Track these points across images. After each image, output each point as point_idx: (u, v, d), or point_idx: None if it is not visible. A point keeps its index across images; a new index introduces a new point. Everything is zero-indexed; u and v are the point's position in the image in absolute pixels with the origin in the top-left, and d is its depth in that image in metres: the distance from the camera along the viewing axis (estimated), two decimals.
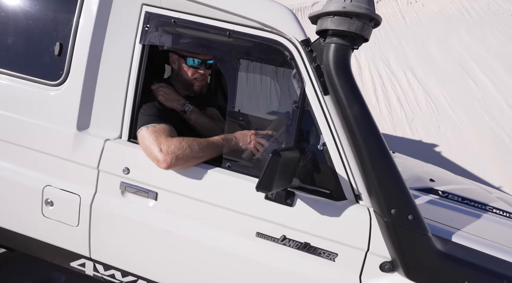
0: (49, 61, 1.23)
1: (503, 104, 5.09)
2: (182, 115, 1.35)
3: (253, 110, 1.60)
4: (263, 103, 1.71)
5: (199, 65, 1.33)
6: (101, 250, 1.29)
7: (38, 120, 1.25)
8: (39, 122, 1.25)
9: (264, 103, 1.71)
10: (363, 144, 0.98)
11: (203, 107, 1.54)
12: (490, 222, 1.22)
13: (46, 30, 1.23)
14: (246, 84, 1.56)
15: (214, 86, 2.05)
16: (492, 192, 1.75)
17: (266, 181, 0.92)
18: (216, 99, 2.02)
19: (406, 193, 0.96)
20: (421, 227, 0.95)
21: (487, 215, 1.28)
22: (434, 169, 2.09)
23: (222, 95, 2.02)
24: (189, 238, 1.18)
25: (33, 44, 1.25)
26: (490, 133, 4.71)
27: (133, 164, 1.20)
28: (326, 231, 1.08)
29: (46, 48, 1.23)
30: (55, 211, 1.28)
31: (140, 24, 1.20)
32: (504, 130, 4.69)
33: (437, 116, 5.37)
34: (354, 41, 0.97)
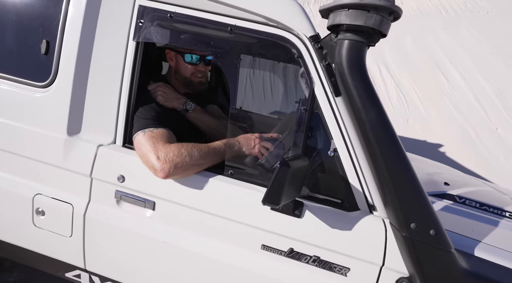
0: (35, 60, 1.13)
1: (471, 99, 5.21)
2: (184, 114, 1.26)
3: (257, 112, 1.51)
4: (267, 105, 1.62)
5: (198, 62, 1.24)
6: (96, 262, 1.22)
7: (25, 124, 1.17)
8: (26, 127, 1.17)
9: (269, 105, 1.61)
10: (379, 151, 0.89)
11: (204, 105, 1.45)
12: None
13: (31, 27, 1.13)
14: (249, 84, 1.47)
15: (214, 83, 1.95)
16: (506, 193, 1.67)
17: (274, 194, 0.83)
18: (217, 97, 1.93)
19: (428, 205, 0.87)
20: (443, 243, 0.86)
21: (508, 223, 1.20)
22: (445, 169, 2.00)
23: (223, 92, 1.93)
24: (189, 250, 1.10)
25: (18, 42, 1.15)
26: (457, 128, 4.81)
27: (129, 172, 1.11)
28: (338, 244, 1.00)
29: (32, 46, 1.13)
30: (46, 221, 1.21)
31: (134, 19, 1.10)
32: (471, 125, 4.78)
33: (406, 110, 5.51)
34: (371, 37, 0.87)
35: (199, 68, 1.25)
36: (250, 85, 1.49)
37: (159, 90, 1.21)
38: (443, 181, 1.51)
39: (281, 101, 1.56)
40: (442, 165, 2.15)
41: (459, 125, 4.83)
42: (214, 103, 1.56)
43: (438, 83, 5.61)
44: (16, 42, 1.15)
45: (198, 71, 1.26)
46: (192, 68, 1.25)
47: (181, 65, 1.26)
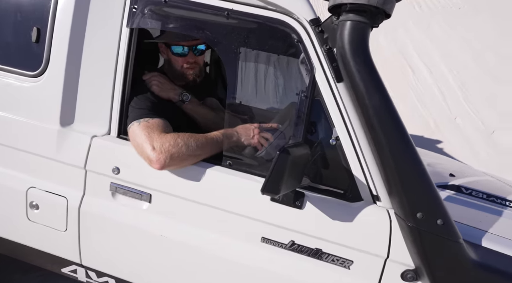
0: (26, 49, 1.10)
1: (435, 91, 5.24)
2: (180, 105, 1.22)
3: (256, 101, 1.47)
4: (267, 93, 1.58)
5: (186, 52, 1.19)
6: (92, 257, 1.18)
7: (17, 115, 1.13)
8: (18, 118, 1.13)
9: (268, 93, 1.57)
10: (384, 137, 0.85)
11: (203, 98, 1.41)
12: None
13: (21, 14, 1.09)
14: (248, 71, 1.42)
15: (214, 76, 1.91)
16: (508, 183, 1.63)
17: (273, 183, 0.79)
18: (216, 90, 1.89)
19: (435, 194, 0.83)
20: (452, 233, 0.82)
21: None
22: (448, 160, 1.95)
23: (222, 85, 1.89)
24: (187, 243, 1.07)
25: (8, 30, 1.11)
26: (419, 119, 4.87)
27: (124, 163, 1.08)
28: (340, 236, 0.97)
29: (22, 34, 1.09)
30: (41, 215, 1.18)
31: (127, 5, 1.06)
32: (432, 116, 4.86)
33: None
34: (374, 18, 0.83)
35: (188, 59, 1.20)
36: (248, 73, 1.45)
37: (154, 80, 1.17)
38: (448, 172, 1.47)
39: (281, 90, 1.52)
40: (443, 157, 2.10)
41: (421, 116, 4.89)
42: (213, 96, 1.52)
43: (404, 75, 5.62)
44: (6, 30, 1.11)
45: (187, 62, 1.20)
46: (181, 59, 1.20)
47: (171, 58, 1.22)
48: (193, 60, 1.21)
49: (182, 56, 1.20)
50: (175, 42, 1.17)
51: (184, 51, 1.18)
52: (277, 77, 1.51)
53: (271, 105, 1.53)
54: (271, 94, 1.61)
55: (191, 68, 1.22)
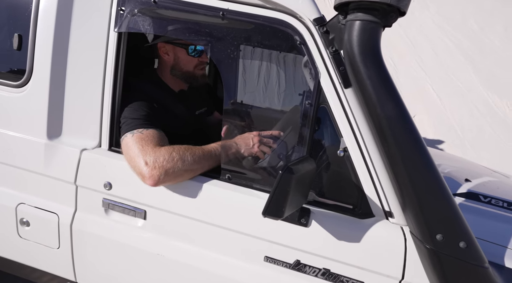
0: (7, 57, 1.02)
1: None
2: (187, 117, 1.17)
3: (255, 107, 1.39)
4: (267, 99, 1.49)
5: (200, 54, 1.15)
6: (87, 275, 1.13)
7: (2, 128, 1.07)
8: (4, 130, 1.06)
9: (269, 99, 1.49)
10: (398, 150, 0.76)
11: (199, 103, 1.33)
12: None
13: (1, 20, 1.02)
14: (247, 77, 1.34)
15: (213, 75, 1.83)
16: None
17: (276, 205, 0.72)
18: (216, 90, 1.81)
19: (457, 213, 0.75)
20: (476, 257, 0.74)
21: None
22: (463, 162, 1.85)
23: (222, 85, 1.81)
24: (184, 263, 1.00)
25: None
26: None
27: (116, 178, 1.01)
28: (350, 255, 0.89)
29: (3, 41, 1.01)
30: (32, 232, 1.12)
31: (114, 6, 0.98)
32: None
33: None
34: (387, 17, 0.73)
35: (202, 59, 1.16)
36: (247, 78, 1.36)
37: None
38: (463, 176, 1.38)
39: (283, 95, 1.43)
40: (456, 157, 2.00)
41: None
42: (212, 98, 1.45)
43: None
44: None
45: (201, 63, 1.17)
46: (196, 60, 1.16)
47: (182, 59, 1.15)
48: (206, 60, 1.17)
49: (198, 56, 1.15)
50: (190, 42, 1.11)
51: (199, 52, 1.14)
52: (278, 82, 1.42)
53: (272, 112, 1.45)
54: (272, 100, 1.52)
55: (203, 69, 1.18)
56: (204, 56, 1.17)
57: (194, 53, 1.14)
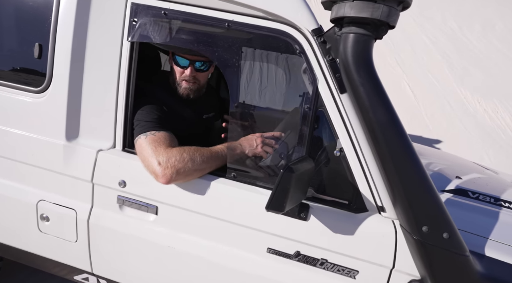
0: (29, 65, 1.11)
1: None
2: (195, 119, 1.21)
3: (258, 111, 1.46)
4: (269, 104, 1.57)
5: (186, 65, 1.16)
6: (103, 266, 1.21)
7: (25, 131, 1.15)
8: (26, 133, 1.15)
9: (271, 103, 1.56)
10: (388, 151, 0.84)
11: (206, 108, 1.40)
12: None
13: (23, 31, 1.10)
14: (250, 82, 1.41)
15: (216, 80, 1.90)
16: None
17: (278, 200, 0.80)
18: (219, 91, 1.88)
19: (441, 207, 0.83)
20: (458, 247, 0.82)
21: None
22: (456, 160, 1.93)
23: (224, 87, 1.88)
24: (193, 254, 1.08)
25: (11, 47, 1.12)
26: None
27: (130, 176, 1.09)
28: (346, 246, 0.97)
29: (25, 51, 1.10)
30: (51, 227, 1.20)
31: (127, 18, 1.06)
32: None
33: None
34: (378, 30, 0.81)
35: (187, 72, 1.16)
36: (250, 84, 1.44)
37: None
38: (455, 174, 1.46)
39: (283, 99, 1.51)
40: (450, 155, 2.08)
41: None
42: (215, 100, 1.51)
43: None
44: (9, 47, 1.12)
45: (185, 75, 1.17)
46: (180, 71, 1.18)
47: (173, 67, 1.20)
48: (192, 74, 1.17)
49: (181, 68, 1.18)
50: (178, 53, 1.16)
51: (184, 64, 1.17)
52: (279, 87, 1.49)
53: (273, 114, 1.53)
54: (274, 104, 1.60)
55: (188, 82, 1.19)
56: (190, 70, 1.16)
57: (178, 64, 1.16)
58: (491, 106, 5.14)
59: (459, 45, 6.54)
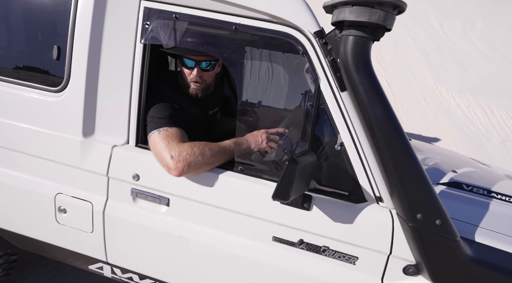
0: (48, 66, 1.17)
1: None
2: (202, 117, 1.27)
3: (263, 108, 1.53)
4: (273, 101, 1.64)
5: (193, 66, 1.23)
6: (117, 255, 1.29)
7: (44, 128, 1.22)
8: (45, 130, 1.22)
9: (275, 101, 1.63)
10: (386, 145, 0.91)
11: (211, 104, 1.47)
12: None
13: (42, 32, 1.16)
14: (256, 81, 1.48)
15: (220, 76, 1.96)
16: None
17: (283, 190, 0.87)
18: (223, 90, 1.95)
19: (434, 196, 0.90)
20: (449, 232, 0.89)
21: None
22: (452, 155, 2.00)
23: (228, 85, 1.94)
24: (202, 243, 1.16)
25: (32, 49, 1.19)
26: None
27: (143, 170, 1.16)
28: (346, 234, 1.04)
29: (44, 53, 1.16)
30: (68, 218, 1.28)
31: (140, 21, 1.12)
32: None
33: None
34: (375, 33, 0.88)
35: (194, 73, 1.23)
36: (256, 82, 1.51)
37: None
38: (451, 168, 1.52)
39: (287, 97, 1.58)
40: (449, 151, 2.14)
41: None
42: (220, 97, 1.58)
43: None
44: (30, 49, 1.19)
45: (192, 76, 1.24)
46: (188, 72, 1.25)
47: (181, 68, 1.28)
48: (199, 75, 1.24)
49: (189, 69, 1.25)
50: (184, 54, 1.23)
51: (191, 65, 1.24)
52: (283, 86, 1.56)
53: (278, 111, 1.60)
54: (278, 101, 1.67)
55: (195, 83, 1.26)
56: (196, 70, 1.22)
57: (185, 65, 1.24)
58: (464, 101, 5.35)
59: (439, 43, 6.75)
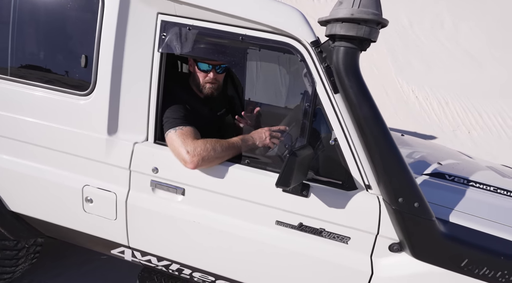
0: (77, 73, 1.33)
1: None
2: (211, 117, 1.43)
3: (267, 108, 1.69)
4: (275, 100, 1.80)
5: (209, 70, 1.40)
6: (138, 240, 1.45)
7: (73, 127, 1.38)
8: (74, 129, 1.38)
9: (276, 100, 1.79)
10: (372, 140, 1.06)
11: (219, 106, 1.63)
12: (492, 202, 1.31)
13: (73, 44, 1.32)
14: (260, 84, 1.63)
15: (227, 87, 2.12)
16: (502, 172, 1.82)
17: (285, 178, 1.02)
18: (227, 89, 2.10)
19: (413, 183, 1.05)
20: (426, 213, 1.05)
21: (489, 195, 1.37)
22: (442, 149, 2.15)
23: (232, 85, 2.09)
24: (215, 228, 1.32)
25: (63, 58, 1.34)
26: None
27: (161, 164, 1.32)
28: (339, 218, 1.20)
29: (74, 61, 1.32)
30: (94, 207, 1.44)
31: (157, 33, 1.27)
32: None
33: None
34: (362, 44, 1.02)
35: (210, 75, 1.41)
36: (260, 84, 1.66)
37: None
38: (437, 161, 1.68)
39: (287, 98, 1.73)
40: (438, 145, 2.29)
41: None
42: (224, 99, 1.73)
43: None
44: (61, 58, 1.34)
45: (209, 78, 1.41)
46: (204, 75, 1.42)
47: (195, 71, 1.43)
48: (215, 77, 1.41)
49: (205, 72, 1.41)
50: (201, 59, 1.38)
51: (208, 69, 1.39)
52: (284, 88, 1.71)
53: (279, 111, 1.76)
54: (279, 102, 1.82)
55: (211, 83, 1.43)
56: (212, 72, 1.39)
57: (202, 68, 1.40)
58: (423, 94, 5.75)
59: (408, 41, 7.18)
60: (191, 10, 1.22)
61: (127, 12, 1.26)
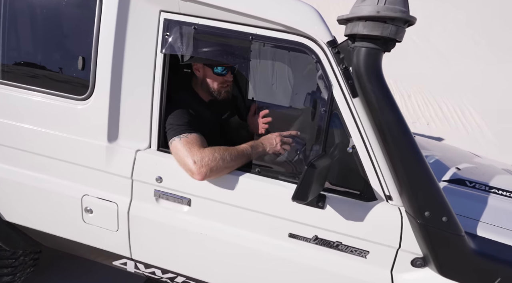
0: (74, 76, 1.24)
1: None
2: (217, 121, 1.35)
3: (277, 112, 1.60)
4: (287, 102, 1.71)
5: (226, 73, 1.32)
6: (141, 251, 1.37)
7: (71, 134, 1.29)
8: (72, 136, 1.29)
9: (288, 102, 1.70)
10: (396, 149, 0.98)
11: (223, 108, 1.54)
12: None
13: (69, 45, 1.22)
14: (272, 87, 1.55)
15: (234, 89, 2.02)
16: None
17: (302, 192, 0.94)
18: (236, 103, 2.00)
19: (440, 195, 0.97)
20: (455, 228, 0.97)
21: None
22: (458, 152, 2.07)
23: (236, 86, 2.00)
24: (222, 240, 1.24)
25: (59, 60, 1.24)
26: None
27: (165, 173, 1.24)
28: (357, 231, 1.12)
29: (70, 63, 1.23)
30: (94, 218, 1.36)
31: (160, 32, 1.18)
32: None
33: None
34: (386, 45, 0.93)
35: (226, 78, 1.33)
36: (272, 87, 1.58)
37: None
38: (454, 165, 1.60)
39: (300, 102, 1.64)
40: (453, 147, 2.21)
41: None
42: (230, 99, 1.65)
43: None
44: (57, 60, 1.24)
45: (225, 81, 1.34)
46: (220, 79, 1.34)
47: (209, 76, 1.34)
48: (230, 79, 1.34)
49: (222, 75, 1.32)
50: (217, 63, 1.29)
51: (225, 72, 1.31)
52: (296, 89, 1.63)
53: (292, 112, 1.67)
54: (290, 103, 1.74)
55: (226, 86, 1.36)
56: (228, 75, 1.34)
57: (218, 72, 1.32)
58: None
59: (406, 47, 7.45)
60: (196, 8, 1.12)
61: (127, 10, 1.16)
